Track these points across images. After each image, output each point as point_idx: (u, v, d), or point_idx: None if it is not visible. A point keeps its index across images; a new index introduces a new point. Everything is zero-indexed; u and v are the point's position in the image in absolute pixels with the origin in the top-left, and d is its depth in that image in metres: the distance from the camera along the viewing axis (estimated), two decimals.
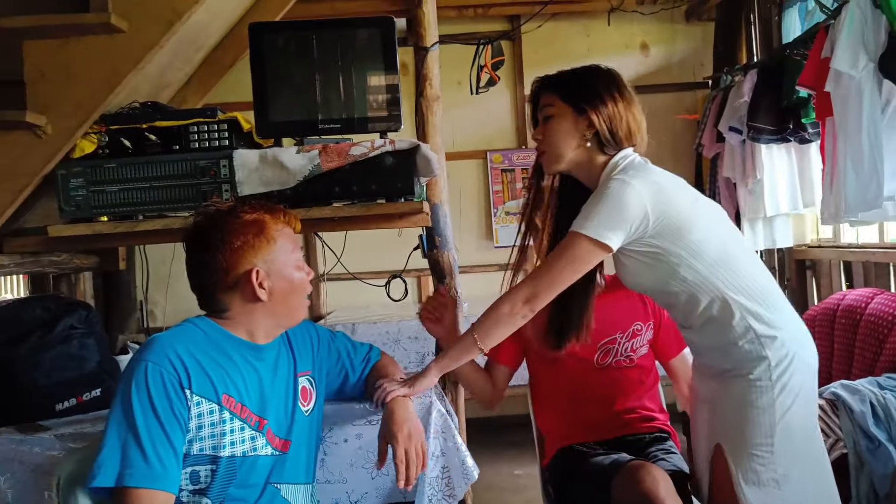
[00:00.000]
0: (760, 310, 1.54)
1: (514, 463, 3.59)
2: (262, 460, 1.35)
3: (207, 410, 1.29)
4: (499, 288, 4.90)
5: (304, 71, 1.93)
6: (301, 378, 1.46)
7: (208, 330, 1.35)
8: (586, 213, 1.52)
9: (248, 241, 1.34)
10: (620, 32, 4.39)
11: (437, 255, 2.08)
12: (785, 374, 1.53)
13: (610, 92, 1.60)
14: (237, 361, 1.35)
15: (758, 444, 1.53)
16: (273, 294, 1.36)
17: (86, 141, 1.89)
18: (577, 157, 1.61)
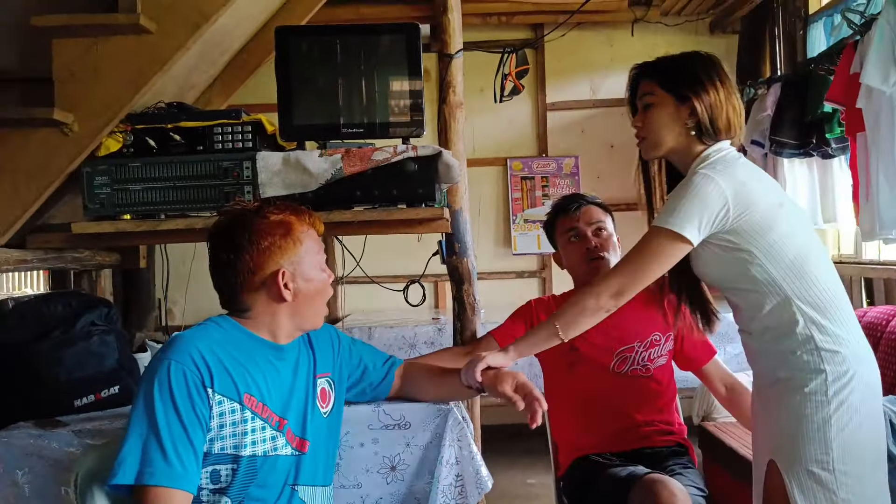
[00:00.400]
0: (826, 322, 1.50)
1: (527, 471, 3.57)
2: (281, 460, 1.35)
3: (229, 409, 1.29)
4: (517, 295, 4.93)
5: (328, 75, 1.94)
6: (321, 379, 1.46)
7: (231, 329, 1.36)
8: (668, 207, 1.52)
9: (276, 241, 1.34)
10: (644, 42, 4.36)
11: (456, 261, 2.07)
12: (843, 390, 1.48)
13: (711, 80, 1.58)
14: (259, 361, 1.35)
15: (814, 460, 1.48)
16: (297, 295, 1.36)
17: (111, 140, 1.91)
18: (677, 145, 1.60)
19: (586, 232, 1.95)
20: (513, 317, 2.04)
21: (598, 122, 4.44)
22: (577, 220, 1.96)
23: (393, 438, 1.63)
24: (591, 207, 1.98)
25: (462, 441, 1.63)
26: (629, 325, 1.95)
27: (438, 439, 1.62)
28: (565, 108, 4.45)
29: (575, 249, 1.97)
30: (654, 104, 1.60)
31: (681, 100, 1.57)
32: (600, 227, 1.95)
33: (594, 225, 1.95)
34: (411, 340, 3.35)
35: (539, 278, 4.49)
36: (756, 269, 1.52)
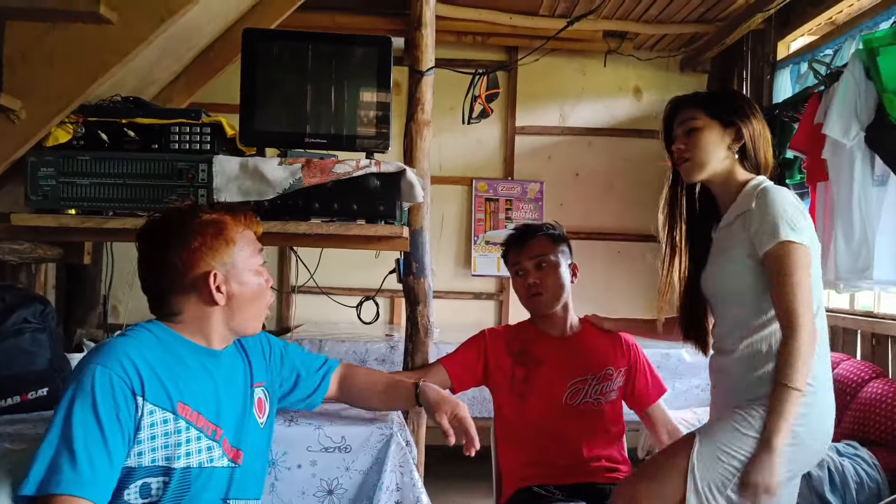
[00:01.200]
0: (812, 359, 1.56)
1: (467, 495, 3.52)
2: (217, 473, 1.29)
3: (161, 419, 1.22)
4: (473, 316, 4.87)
5: (295, 82, 1.89)
6: (257, 388, 1.41)
7: (162, 335, 1.29)
8: (771, 225, 1.55)
9: (207, 241, 1.29)
10: (616, 74, 4.42)
11: (413, 281, 2.03)
12: (798, 426, 1.54)
13: (753, 110, 1.70)
14: (192, 368, 1.29)
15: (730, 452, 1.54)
16: (231, 299, 1.31)
17: (61, 130, 1.83)
18: (720, 168, 1.69)
19: (528, 267, 1.96)
20: (466, 346, 2.02)
21: (565, 149, 4.47)
22: (521, 256, 1.98)
23: (332, 461, 1.58)
24: (537, 241, 1.98)
25: (404, 467, 1.59)
26: (584, 357, 1.95)
27: (380, 464, 1.58)
28: (534, 132, 4.46)
29: (519, 284, 2.00)
30: (699, 128, 1.68)
31: (726, 124, 1.67)
32: (541, 262, 1.95)
33: (535, 259, 1.96)
34: (362, 356, 3.29)
35: (496, 301, 4.47)
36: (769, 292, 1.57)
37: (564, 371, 1.92)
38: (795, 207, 1.58)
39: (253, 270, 1.34)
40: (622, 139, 4.45)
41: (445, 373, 1.93)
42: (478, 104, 2.01)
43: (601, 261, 4.23)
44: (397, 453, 1.58)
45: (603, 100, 4.47)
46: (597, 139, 4.46)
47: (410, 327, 2.05)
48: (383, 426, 1.60)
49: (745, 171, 1.68)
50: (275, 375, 1.49)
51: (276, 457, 1.56)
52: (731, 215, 1.68)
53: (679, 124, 1.72)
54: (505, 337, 2.00)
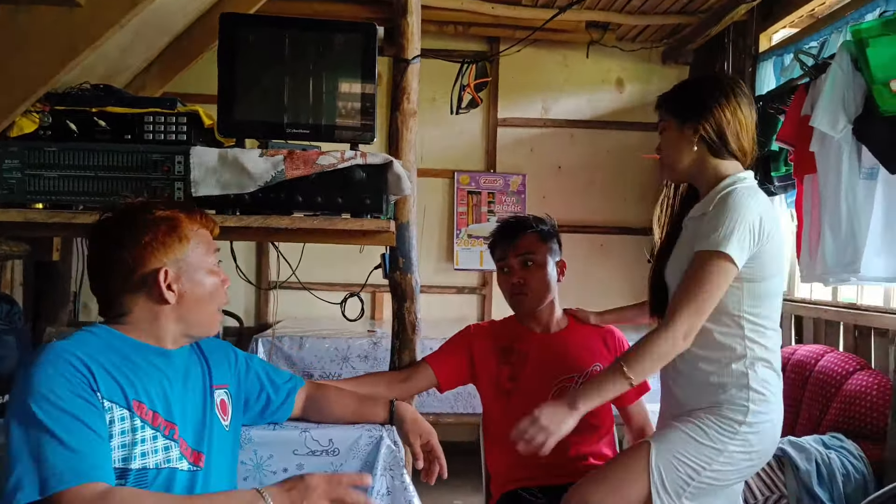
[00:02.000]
0: (765, 366, 1.58)
1: (455, 492, 3.48)
2: (178, 475, 1.22)
3: (118, 417, 1.16)
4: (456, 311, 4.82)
5: (275, 70, 1.81)
6: (218, 390, 1.35)
7: (107, 336, 1.23)
8: (710, 230, 1.53)
9: (158, 237, 1.24)
10: (598, 66, 4.38)
11: (400, 277, 1.97)
12: (751, 434, 1.56)
13: (716, 99, 1.63)
14: (144, 367, 1.23)
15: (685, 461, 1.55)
16: (182, 298, 1.26)
17: (26, 119, 1.73)
18: (692, 164, 1.66)
19: (514, 265, 1.91)
20: (451, 344, 1.97)
21: (548, 141, 4.43)
22: (507, 252, 1.93)
23: (319, 465, 1.51)
24: (525, 238, 1.92)
25: (394, 470, 1.54)
26: (570, 355, 1.91)
27: (369, 468, 1.52)
28: (516, 124, 4.41)
29: (503, 281, 1.96)
30: (664, 129, 1.69)
31: (683, 122, 1.65)
32: (528, 260, 1.90)
33: (521, 257, 1.91)
34: (344, 353, 3.22)
35: (479, 295, 4.42)
36: (731, 300, 1.56)
37: (550, 369, 1.88)
38: (749, 222, 1.51)
39: (206, 270, 1.30)
40: (604, 131, 4.42)
41: (432, 372, 1.88)
42: (466, 93, 1.95)
43: (584, 254, 4.20)
44: (387, 456, 1.53)
45: (585, 92, 4.43)
46: (579, 131, 4.42)
47: (397, 325, 1.98)
48: (372, 428, 1.54)
49: (724, 160, 1.63)
50: (241, 383, 1.43)
51: (262, 461, 1.50)
52: (699, 210, 1.65)
53: (658, 124, 1.74)
54: (490, 333, 1.96)
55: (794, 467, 2.24)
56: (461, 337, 1.97)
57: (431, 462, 1.47)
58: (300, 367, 3.18)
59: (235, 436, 1.39)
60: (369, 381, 1.81)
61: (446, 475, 1.46)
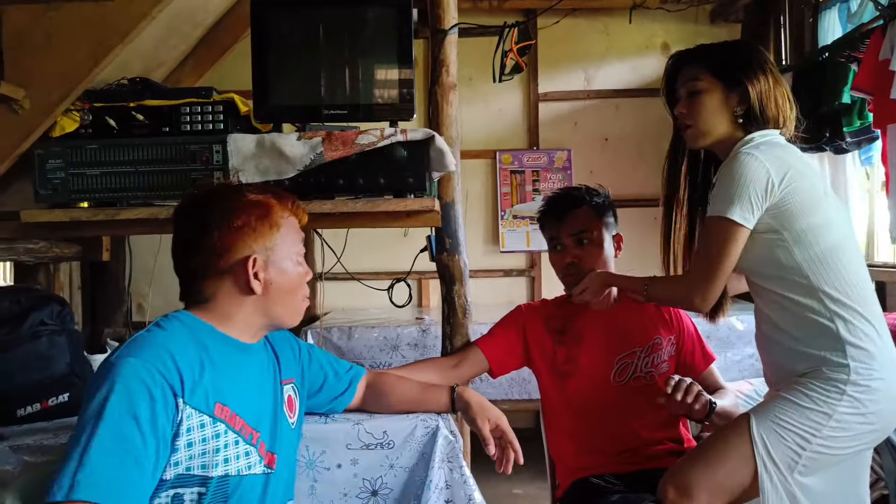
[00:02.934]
0: (852, 317, 1.46)
1: (513, 480, 3.41)
2: (253, 481, 1.17)
3: (198, 424, 1.10)
4: (504, 294, 4.74)
5: (309, 52, 1.76)
6: (286, 385, 1.30)
7: (195, 326, 1.18)
8: (717, 193, 1.50)
9: (250, 222, 1.18)
10: (641, 31, 4.21)
11: (447, 258, 1.89)
12: (861, 392, 1.43)
13: (762, 67, 1.57)
14: (227, 363, 1.17)
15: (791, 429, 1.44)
16: (269, 288, 1.20)
17: (67, 119, 1.73)
18: (723, 133, 1.59)
19: (567, 243, 1.81)
20: (502, 325, 1.88)
21: (592, 114, 4.29)
22: (559, 230, 1.82)
23: (374, 459, 1.46)
24: (578, 214, 1.81)
25: (453, 462, 1.47)
26: (629, 328, 1.81)
27: (426, 460, 1.46)
28: (558, 98, 4.28)
29: (556, 260, 1.84)
30: (702, 90, 1.57)
31: (730, 86, 1.55)
32: (582, 238, 1.79)
33: (576, 235, 1.80)
34: (394, 342, 3.18)
35: (528, 277, 4.33)
36: (783, 254, 1.48)
37: (609, 346, 1.78)
38: (749, 182, 1.45)
39: (294, 260, 1.24)
40: (652, 99, 4.21)
41: (483, 356, 1.79)
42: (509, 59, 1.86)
43: (636, 229, 4.02)
44: (445, 447, 1.46)
45: (629, 59, 4.27)
46: (625, 101, 4.26)
47: (447, 308, 1.92)
48: (427, 418, 1.48)
49: (747, 131, 1.55)
50: (305, 374, 1.39)
51: (314, 457, 1.45)
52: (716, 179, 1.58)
53: (682, 84, 1.61)
54: (543, 313, 1.86)
55: (891, 447, 2.09)
56: (513, 318, 1.88)
57: (504, 448, 1.40)
58: (350, 357, 3.15)
59: (299, 433, 1.34)
60: (418, 368, 1.74)
61: (522, 461, 1.39)
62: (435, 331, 3.16)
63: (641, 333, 1.80)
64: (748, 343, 3.16)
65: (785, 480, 1.43)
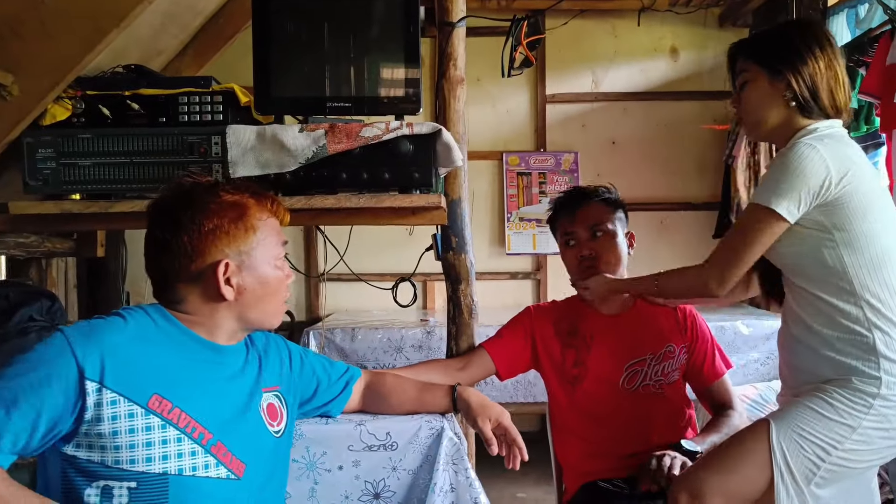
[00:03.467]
0: (893, 332, 1.39)
1: (517, 483, 3.35)
2: (208, 484, 1.10)
3: (125, 412, 1.04)
4: (510, 297, 4.66)
5: (312, 41, 1.70)
6: (268, 393, 1.24)
7: (162, 322, 1.13)
8: (767, 180, 1.44)
9: (223, 225, 1.13)
10: (650, 34, 4.15)
11: (453, 257, 1.83)
12: (890, 407, 1.37)
13: (810, 49, 1.49)
14: (188, 360, 1.13)
15: (812, 440, 1.37)
16: (243, 293, 1.15)
17: (58, 107, 1.67)
18: (779, 122, 1.52)
19: (582, 237, 1.76)
20: (510, 327, 1.82)
21: (600, 116, 4.22)
22: (574, 224, 1.77)
23: (377, 461, 1.40)
24: (591, 206, 1.77)
25: (458, 464, 1.41)
26: (641, 334, 1.75)
27: (430, 462, 1.40)
28: (565, 100, 4.22)
29: (570, 255, 1.79)
30: (749, 81, 1.53)
31: (774, 74, 1.49)
32: (597, 230, 1.74)
33: (592, 228, 1.75)
34: (398, 343, 3.11)
35: (534, 280, 4.26)
36: (829, 254, 1.41)
37: (620, 352, 1.72)
38: (800, 173, 1.38)
39: (272, 263, 1.19)
40: (660, 102, 4.18)
41: (490, 359, 1.74)
42: (519, 52, 1.80)
43: (646, 232, 3.98)
44: (450, 449, 1.40)
45: (637, 62, 4.20)
46: (632, 104, 4.20)
47: (453, 308, 1.85)
48: (432, 419, 1.42)
49: (812, 120, 1.48)
50: (294, 381, 1.33)
51: (315, 458, 1.40)
52: None
53: (736, 77, 1.57)
54: (552, 315, 1.81)
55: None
56: (521, 319, 1.82)
57: (509, 446, 1.35)
58: (353, 359, 3.10)
59: (287, 442, 1.27)
60: (424, 370, 1.68)
61: (527, 457, 1.34)
62: (440, 332, 3.09)
63: (653, 340, 1.75)
64: (753, 347, 3.10)
65: (801, 492, 1.38)
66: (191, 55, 2.24)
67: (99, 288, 3.06)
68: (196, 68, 2.27)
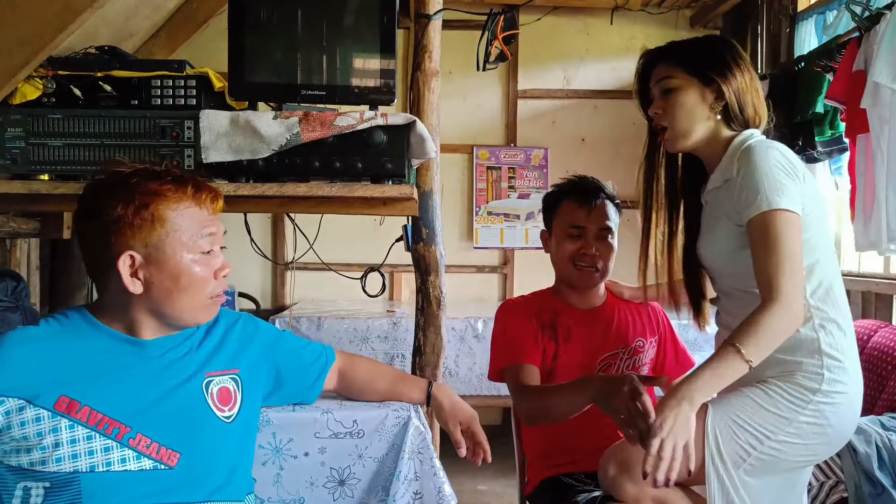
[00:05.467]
0: (834, 328, 1.42)
1: (478, 477, 3.39)
2: (132, 477, 1.10)
3: (32, 417, 1.06)
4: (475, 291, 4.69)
5: (289, 29, 1.69)
6: (219, 377, 1.22)
7: (79, 321, 1.14)
8: (758, 189, 1.38)
9: (127, 216, 1.09)
10: (621, 33, 4.22)
11: (423, 249, 1.86)
12: (826, 405, 1.40)
13: (736, 62, 1.50)
14: (103, 358, 1.12)
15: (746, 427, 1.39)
16: (151, 288, 1.11)
17: (29, 85, 1.64)
18: (704, 132, 1.50)
19: (591, 233, 1.74)
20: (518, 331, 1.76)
21: (570, 113, 4.28)
22: (587, 218, 1.74)
23: (343, 448, 1.42)
24: (604, 207, 1.76)
25: (423, 454, 1.43)
26: (613, 329, 1.78)
27: (396, 451, 1.42)
28: (537, 96, 4.27)
29: (570, 246, 1.75)
30: (676, 88, 1.49)
31: (706, 83, 1.48)
32: (607, 234, 1.75)
33: (602, 230, 1.74)
34: (364, 333, 3.13)
35: (500, 274, 4.31)
36: None
37: (594, 346, 1.75)
38: (782, 168, 1.39)
39: (189, 257, 1.13)
40: (629, 101, 4.18)
41: (536, 368, 1.71)
42: (494, 47, 1.82)
43: None
44: (416, 438, 1.42)
45: (608, 60, 4.27)
46: (602, 102, 4.27)
47: (421, 299, 1.88)
48: (399, 408, 1.44)
49: (731, 129, 1.50)
50: (260, 364, 1.31)
51: (281, 444, 1.40)
52: (718, 179, 1.51)
53: (655, 83, 1.53)
54: (533, 307, 1.80)
55: (851, 450, 2.09)
56: (514, 317, 1.80)
57: (475, 446, 1.38)
58: None
59: (245, 425, 1.25)
60: None
61: (490, 459, 1.37)
62: (405, 324, 3.12)
63: (626, 334, 1.77)
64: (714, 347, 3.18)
65: (730, 476, 1.40)
66: (163, 38, 2.21)
67: (62, 270, 3.02)
68: (168, 52, 2.25)
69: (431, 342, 1.85)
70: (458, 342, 3.21)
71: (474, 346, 3.23)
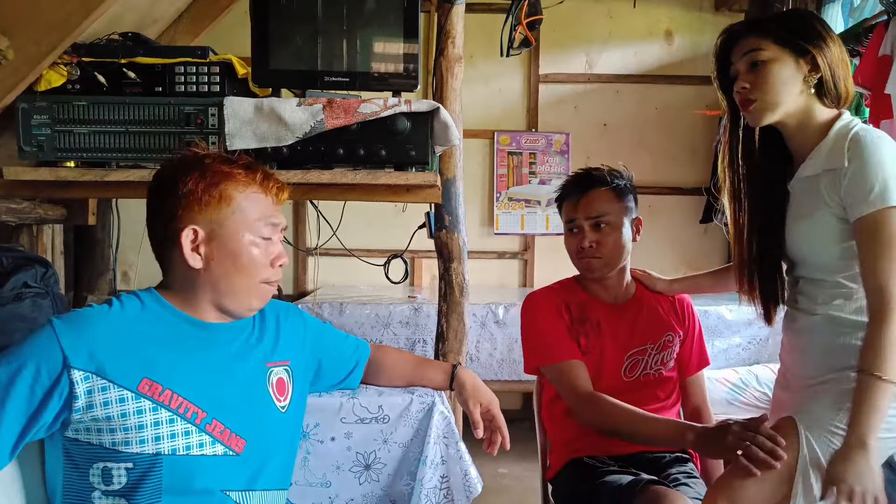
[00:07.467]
0: None
1: (498, 461, 3.39)
2: (204, 462, 1.11)
3: (116, 398, 1.06)
4: (496, 277, 4.65)
5: (311, 15, 1.69)
6: (277, 368, 1.24)
7: (151, 304, 1.14)
8: (866, 186, 1.32)
9: (196, 191, 1.12)
10: (645, 17, 4.15)
11: (446, 236, 1.86)
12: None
13: (829, 33, 1.42)
14: (180, 341, 1.13)
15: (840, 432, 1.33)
16: (210, 264, 1.13)
17: (54, 72, 1.65)
18: (795, 107, 1.43)
19: (584, 226, 1.71)
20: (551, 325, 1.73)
21: (593, 98, 4.23)
22: (577, 211, 1.72)
23: (368, 433, 1.43)
24: (596, 195, 1.71)
25: (448, 438, 1.44)
26: (642, 324, 1.74)
27: (421, 436, 1.43)
28: (558, 81, 4.22)
29: (571, 241, 1.74)
30: (768, 60, 1.41)
31: (800, 53, 1.40)
32: (600, 221, 1.70)
33: (593, 218, 1.70)
34: (386, 319, 3.13)
35: (521, 260, 4.29)
36: None
37: (621, 342, 1.71)
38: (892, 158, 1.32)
39: (248, 239, 1.15)
40: (653, 86, 4.20)
41: (582, 363, 1.69)
42: (518, 32, 1.80)
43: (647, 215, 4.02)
44: (441, 423, 1.43)
45: (632, 44, 4.20)
46: (625, 87, 4.21)
47: (444, 286, 1.88)
48: (424, 394, 1.44)
49: (825, 106, 1.43)
50: (309, 356, 1.33)
51: (308, 429, 1.42)
52: (817, 167, 1.42)
53: (740, 57, 1.45)
54: (561, 299, 1.76)
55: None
56: (549, 312, 1.75)
57: (493, 432, 1.36)
58: None
59: (295, 417, 1.27)
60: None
61: (508, 446, 1.35)
62: (427, 309, 3.12)
63: (655, 330, 1.74)
64: (736, 332, 3.15)
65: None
66: (186, 24, 2.21)
67: (86, 256, 3.05)
68: (191, 38, 2.25)
69: (454, 328, 1.86)
70: (479, 328, 3.20)
71: (495, 331, 3.23)
